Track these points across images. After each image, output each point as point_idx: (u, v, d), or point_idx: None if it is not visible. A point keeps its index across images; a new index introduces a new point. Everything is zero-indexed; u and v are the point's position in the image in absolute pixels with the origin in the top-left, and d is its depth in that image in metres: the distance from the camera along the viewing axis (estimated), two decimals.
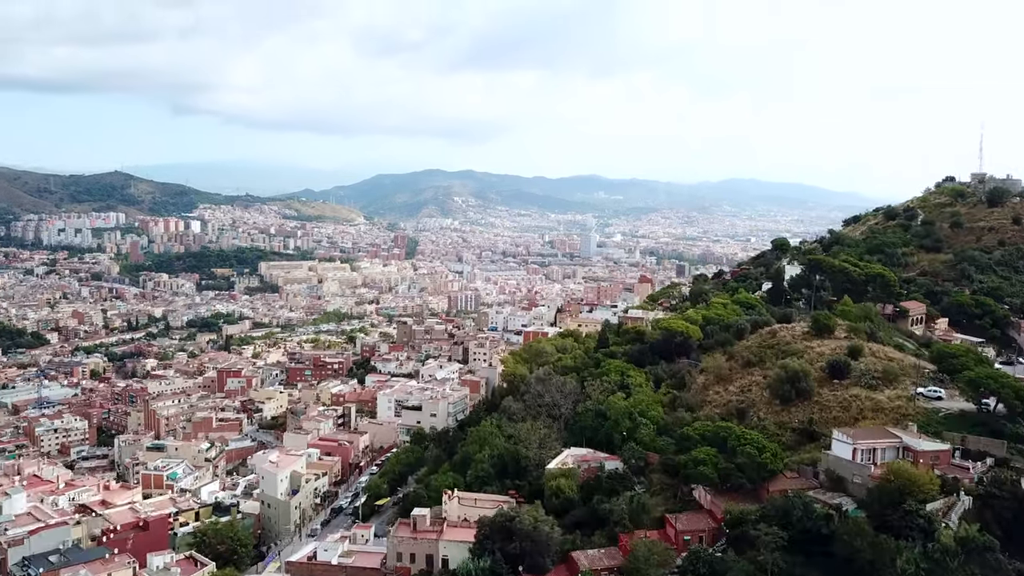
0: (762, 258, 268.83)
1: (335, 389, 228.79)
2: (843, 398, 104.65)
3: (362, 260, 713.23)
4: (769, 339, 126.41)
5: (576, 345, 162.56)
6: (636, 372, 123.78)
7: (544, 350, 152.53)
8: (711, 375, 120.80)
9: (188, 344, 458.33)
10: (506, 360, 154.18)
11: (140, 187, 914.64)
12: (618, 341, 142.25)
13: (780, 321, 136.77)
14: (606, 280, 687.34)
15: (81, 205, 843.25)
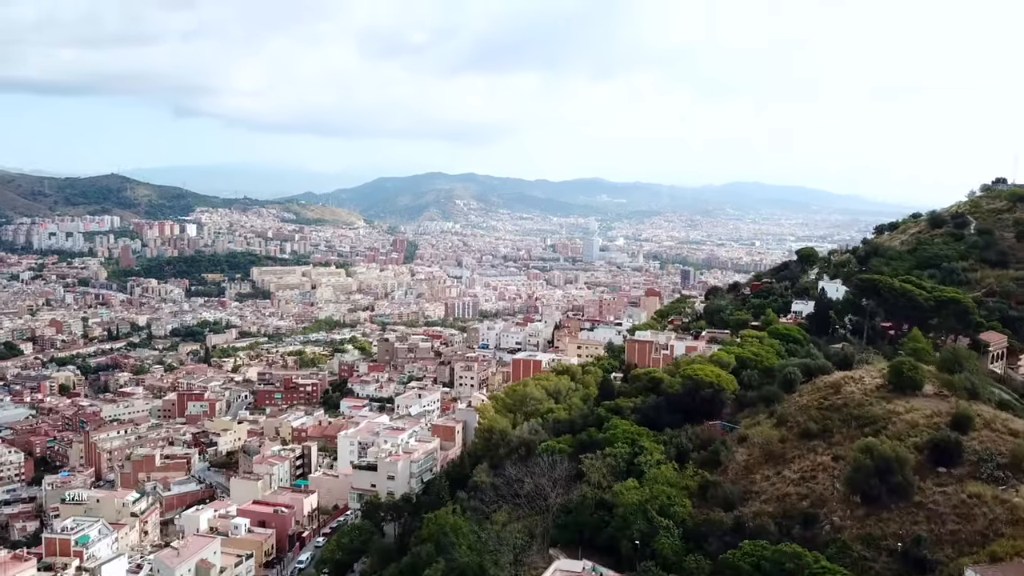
0: (785, 270, 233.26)
1: (297, 422, 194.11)
2: (959, 500, 69.38)
3: (358, 265, 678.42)
4: (831, 395, 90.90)
5: (572, 387, 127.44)
6: (651, 442, 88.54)
7: (531, 396, 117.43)
8: (756, 449, 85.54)
9: (169, 355, 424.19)
10: (484, 409, 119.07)
11: (137, 190, 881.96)
12: (626, 391, 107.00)
13: (839, 366, 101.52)
14: (609, 285, 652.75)
15: (76, 208, 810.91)
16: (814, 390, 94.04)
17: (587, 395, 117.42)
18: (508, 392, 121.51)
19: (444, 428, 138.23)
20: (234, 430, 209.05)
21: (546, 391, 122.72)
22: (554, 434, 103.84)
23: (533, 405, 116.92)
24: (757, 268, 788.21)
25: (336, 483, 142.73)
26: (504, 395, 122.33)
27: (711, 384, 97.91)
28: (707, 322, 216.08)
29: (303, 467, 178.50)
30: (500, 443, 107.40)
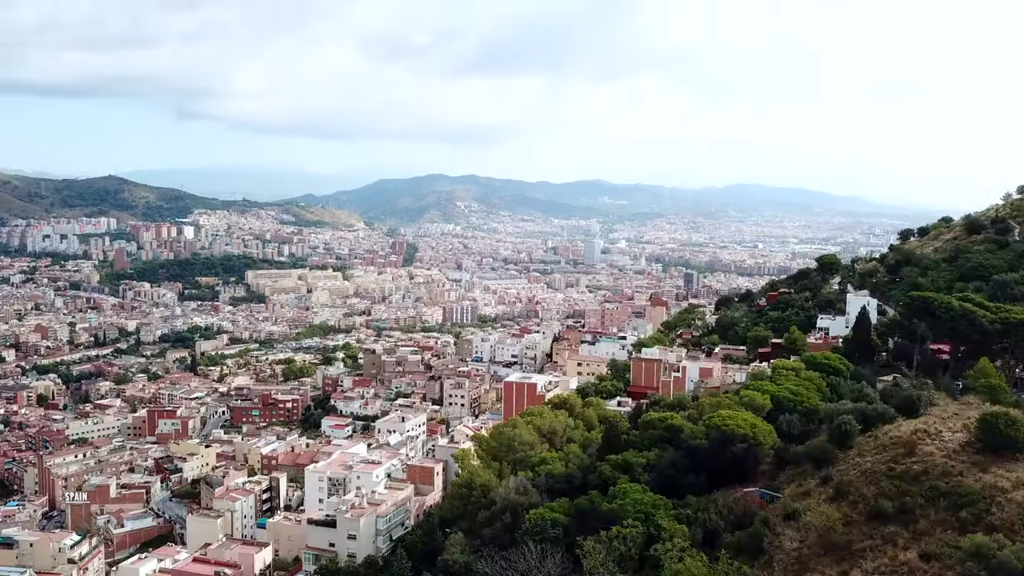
0: (804, 279, 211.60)
1: (267, 448, 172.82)
2: None
3: (356, 268, 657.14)
4: (903, 458, 69.21)
5: (570, 425, 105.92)
6: (671, 519, 67.01)
7: (521, 440, 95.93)
8: (810, 533, 63.89)
9: (156, 362, 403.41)
10: (464, 457, 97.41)
11: (135, 192, 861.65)
12: (636, 440, 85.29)
13: (902, 411, 80.00)
14: (610, 289, 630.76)
15: (73, 210, 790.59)
16: (879, 448, 72.36)
17: (588, 440, 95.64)
18: (494, 434, 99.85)
19: (421, 470, 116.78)
20: (201, 455, 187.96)
21: (539, 431, 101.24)
22: (547, 494, 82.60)
23: (523, 451, 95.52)
24: (761, 271, 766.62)
25: (298, 530, 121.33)
26: (489, 437, 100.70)
27: (745, 437, 76.34)
28: (720, 336, 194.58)
29: (271, 501, 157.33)
30: (481, 503, 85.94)
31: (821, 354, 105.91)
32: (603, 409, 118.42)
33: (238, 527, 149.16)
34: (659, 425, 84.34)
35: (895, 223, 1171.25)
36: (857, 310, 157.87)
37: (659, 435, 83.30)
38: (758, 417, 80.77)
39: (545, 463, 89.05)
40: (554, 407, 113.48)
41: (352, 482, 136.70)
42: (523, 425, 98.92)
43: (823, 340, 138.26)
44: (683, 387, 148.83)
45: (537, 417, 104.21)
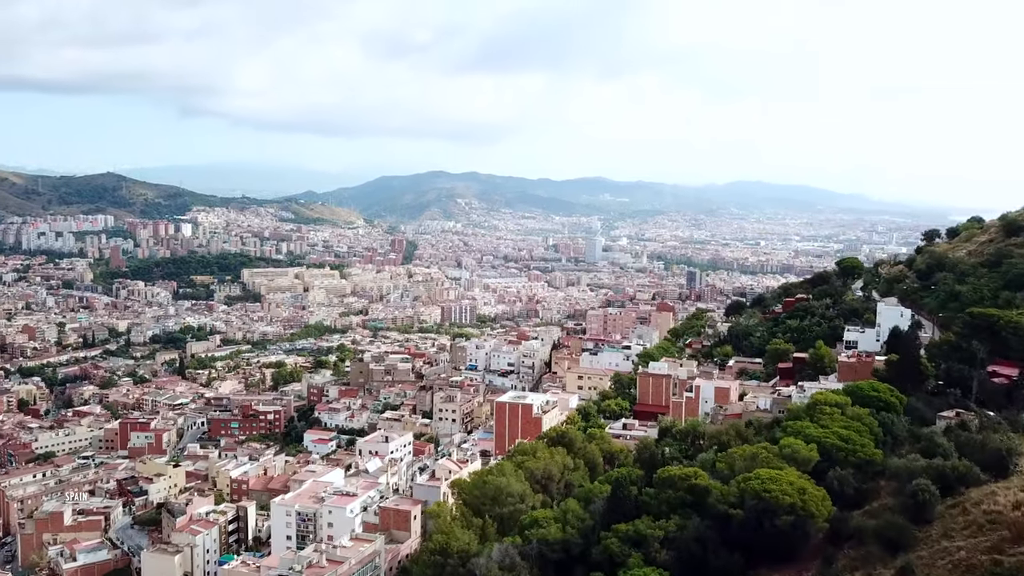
0: (824, 284, 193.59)
1: (237, 471, 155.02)
2: None
3: (354, 266, 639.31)
4: (1009, 544, 51.48)
5: (569, 466, 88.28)
6: None
7: (510, 491, 78.11)
8: None
9: (144, 364, 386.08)
10: (439, 514, 79.18)
11: (133, 189, 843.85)
12: (651, 502, 67.49)
13: (988, 467, 62.22)
14: (612, 287, 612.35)
15: (70, 208, 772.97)
16: (971, 527, 54.70)
17: (590, 493, 77.60)
18: (477, 482, 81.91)
19: (396, 514, 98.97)
20: (169, 475, 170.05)
21: (532, 477, 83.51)
22: (540, 567, 64.97)
23: (511, 504, 77.80)
24: (764, 268, 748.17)
25: None
26: (471, 485, 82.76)
27: (792, 508, 58.54)
28: (733, 348, 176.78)
29: (238, 533, 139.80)
30: (459, 574, 68.29)
31: (868, 384, 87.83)
32: (607, 443, 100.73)
33: (199, 563, 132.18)
34: (680, 484, 66.50)
35: (897, 220, 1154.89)
36: (889, 322, 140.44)
37: (680, 498, 65.53)
38: (805, 478, 62.99)
39: (538, 525, 71.28)
40: (550, 442, 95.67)
41: (323, 517, 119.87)
42: (512, 472, 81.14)
43: (856, 358, 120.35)
44: (697, 409, 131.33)
45: (530, 458, 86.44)
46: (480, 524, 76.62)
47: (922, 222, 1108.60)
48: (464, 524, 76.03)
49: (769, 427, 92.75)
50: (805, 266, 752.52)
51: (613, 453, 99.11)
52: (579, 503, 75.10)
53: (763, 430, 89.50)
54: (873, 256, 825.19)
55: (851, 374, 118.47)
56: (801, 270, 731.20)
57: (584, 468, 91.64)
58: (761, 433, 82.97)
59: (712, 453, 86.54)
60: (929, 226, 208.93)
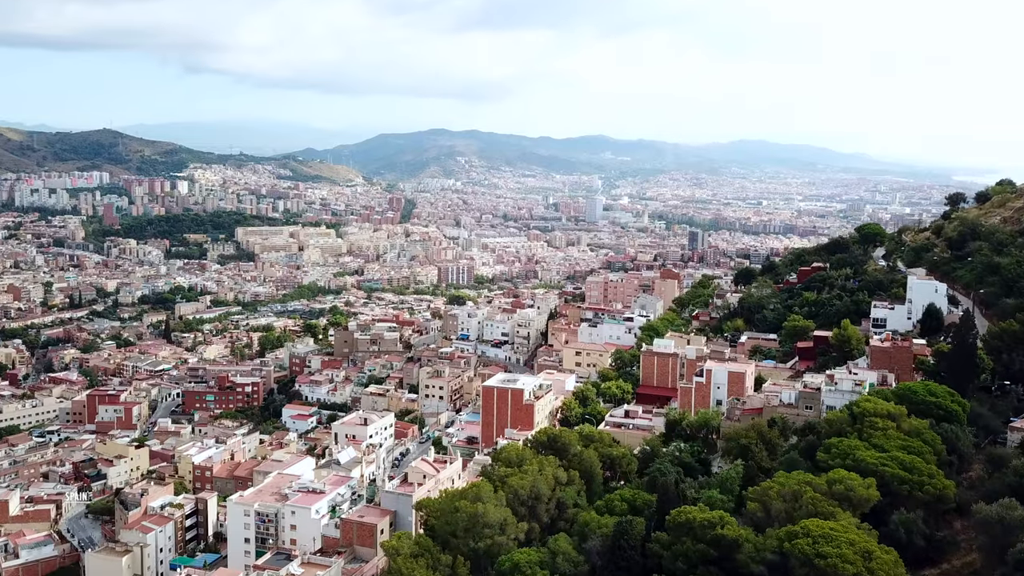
0: (842, 251, 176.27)
1: (200, 457, 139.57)
2: None
3: (350, 225, 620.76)
4: None
5: (561, 480, 72.26)
6: None
7: (486, 522, 62.14)
8: None
9: (131, 326, 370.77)
10: (395, 551, 62.82)
11: (130, 146, 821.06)
12: (663, 552, 51.35)
13: None
14: (613, 248, 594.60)
15: (65, 164, 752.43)
16: None
17: (587, 525, 61.48)
18: (447, 508, 65.69)
19: (360, 527, 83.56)
20: (131, 457, 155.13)
21: (516, 499, 67.44)
22: None
23: (488, 537, 61.82)
24: (767, 229, 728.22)
25: None
26: (441, 511, 66.62)
27: None
28: (744, 321, 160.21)
29: (197, 528, 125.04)
30: None
31: (922, 386, 71.28)
32: (607, 446, 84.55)
33: (151, 565, 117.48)
34: (700, 532, 50.21)
35: (900, 180, 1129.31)
36: (922, 297, 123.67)
37: (701, 552, 49.25)
38: (866, 531, 46.72)
39: (519, 571, 55.32)
40: (540, 448, 79.52)
41: (285, 518, 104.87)
42: (490, 495, 64.92)
43: (891, 343, 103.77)
44: (708, 396, 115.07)
45: (515, 472, 70.26)
46: (449, 563, 60.75)
47: (926, 182, 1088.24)
48: (430, 563, 60.17)
49: (802, 433, 76.56)
50: (808, 226, 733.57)
51: (614, 459, 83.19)
52: (572, 542, 59.13)
53: (793, 439, 73.51)
54: (876, 216, 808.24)
55: (885, 361, 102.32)
56: (804, 230, 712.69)
57: (579, 482, 75.72)
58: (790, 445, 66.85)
59: (734, 469, 70.46)
60: (933, 186, 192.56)
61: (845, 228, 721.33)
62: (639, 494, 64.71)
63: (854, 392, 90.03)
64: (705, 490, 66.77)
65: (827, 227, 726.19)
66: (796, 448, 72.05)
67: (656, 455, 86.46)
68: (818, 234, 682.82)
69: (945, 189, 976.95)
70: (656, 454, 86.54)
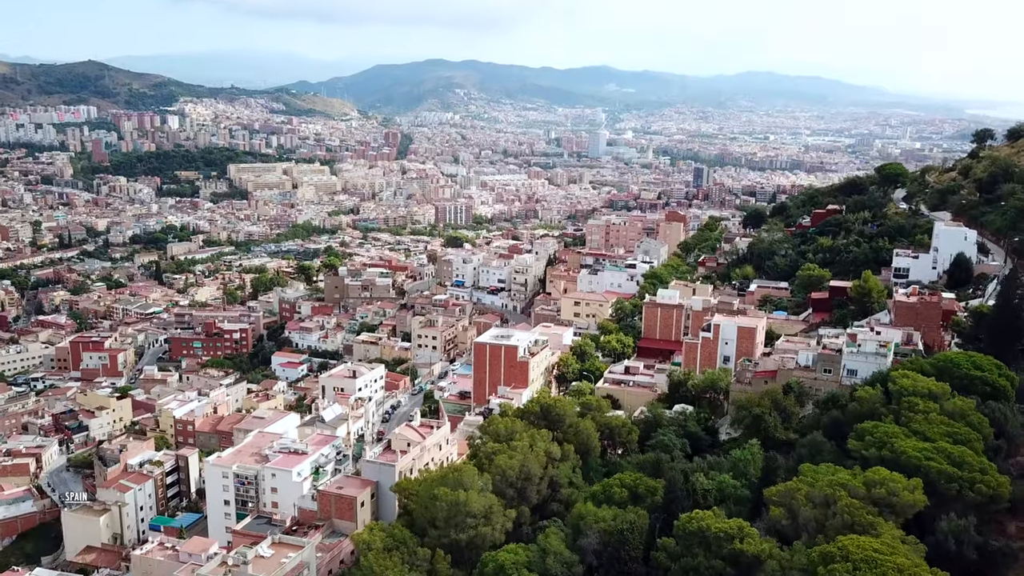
0: (859, 193, 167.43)
1: (182, 410, 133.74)
2: None
3: (345, 161, 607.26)
4: None
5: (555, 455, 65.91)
6: None
7: (469, 511, 55.70)
8: None
9: (121, 267, 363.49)
10: (366, 545, 56.42)
11: (117, 78, 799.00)
12: (670, 565, 44.79)
13: None
14: (616, 185, 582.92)
15: (51, 98, 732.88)
16: None
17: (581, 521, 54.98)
18: (425, 495, 59.21)
19: (339, 500, 77.43)
20: (113, 408, 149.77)
21: (505, 480, 61.03)
22: None
23: (471, 528, 55.54)
24: (773, 164, 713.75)
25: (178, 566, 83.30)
26: (421, 498, 60.22)
27: None
28: (754, 268, 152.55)
29: (179, 485, 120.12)
30: None
31: (965, 357, 63.86)
32: (605, 416, 77.92)
33: (131, 524, 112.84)
34: (716, 547, 43.49)
35: (911, 114, 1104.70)
36: (950, 246, 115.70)
37: (716, 569, 42.58)
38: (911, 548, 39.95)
39: (503, 574, 49.08)
40: (532, 420, 72.86)
41: (266, 480, 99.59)
42: (473, 479, 58.36)
43: (917, 297, 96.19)
44: (715, 352, 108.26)
45: (504, 450, 63.67)
46: (427, 558, 54.57)
47: (937, 116, 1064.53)
48: (405, 558, 53.95)
49: (824, 406, 69.66)
50: (815, 162, 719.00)
51: (612, 429, 76.66)
52: (564, 537, 52.75)
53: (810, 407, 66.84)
54: (886, 151, 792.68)
55: (911, 318, 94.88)
56: (811, 166, 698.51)
57: (575, 457, 69.31)
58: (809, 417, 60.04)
59: (749, 451, 63.76)
60: (945, 120, 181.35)
61: (853, 164, 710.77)
62: (641, 479, 58.18)
63: (878, 355, 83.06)
64: (716, 474, 60.25)
65: (835, 163, 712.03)
66: (818, 425, 65.26)
67: (659, 423, 79.97)
68: (825, 170, 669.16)
69: (957, 123, 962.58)
70: (659, 421, 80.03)
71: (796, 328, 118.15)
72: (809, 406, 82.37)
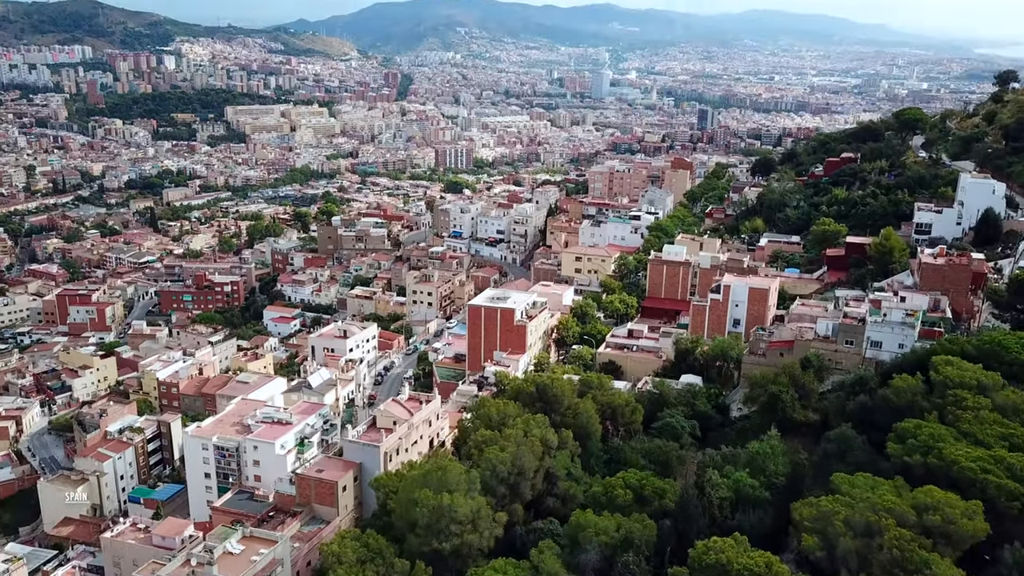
0: (874, 140, 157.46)
1: (166, 372, 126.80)
2: None
3: (344, 103, 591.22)
4: None
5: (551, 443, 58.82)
6: None
7: (453, 516, 48.60)
8: None
9: (116, 213, 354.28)
10: (335, 557, 49.67)
11: (111, 16, 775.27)
12: None
13: None
14: (619, 127, 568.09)
15: (44, 37, 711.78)
16: None
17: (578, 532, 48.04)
18: (404, 498, 52.17)
19: (319, 485, 70.94)
20: (96, 368, 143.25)
21: (495, 475, 54.03)
22: None
23: (455, 537, 48.64)
24: (779, 106, 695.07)
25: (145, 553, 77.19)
26: (400, 499, 53.18)
27: None
28: (764, 220, 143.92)
29: (162, 452, 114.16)
30: None
31: (1015, 339, 55.85)
32: (606, 394, 70.60)
33: (110, 494, 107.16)
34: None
35: (919, 53, 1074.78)
36: (977, 200, 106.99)
37: None
38: None
39: None
40: (527, 401, 65.66)
41: (248, 453, 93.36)
42: (459, 478, 51.27)
43: (945, 258, 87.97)
44: (724, 316, 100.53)
45: (494, 445, 56.48)
46: (406, 570, 47.82)
47: (945, 55, 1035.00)
48: (380, 572, 47.20)
49: (852, 389, 62.16)
50: (821, 103, 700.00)
51: (615, 409, 69.42)
52: (560, 554, 45.79)
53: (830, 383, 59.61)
54: (893, 92, 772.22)
55: (937, 280, 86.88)
56: (817, 107, 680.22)
57: (573, 444, 62.21)
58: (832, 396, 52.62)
59: (768, 443, 56.50)
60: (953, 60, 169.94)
61: (859, 105, 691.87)
62: (647, 480, 51.21)
63: (905, 325, 75.36)
64: (731, 470, 53.09)
65: (841, 104, 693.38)
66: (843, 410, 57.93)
67: (665, 400, 72.78)
68: (832, 112, 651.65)
69: (965, 63, 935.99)
70: (665, 398, 72.82)
71: (810, 288, 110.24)
72: (829, 381, 75.19)
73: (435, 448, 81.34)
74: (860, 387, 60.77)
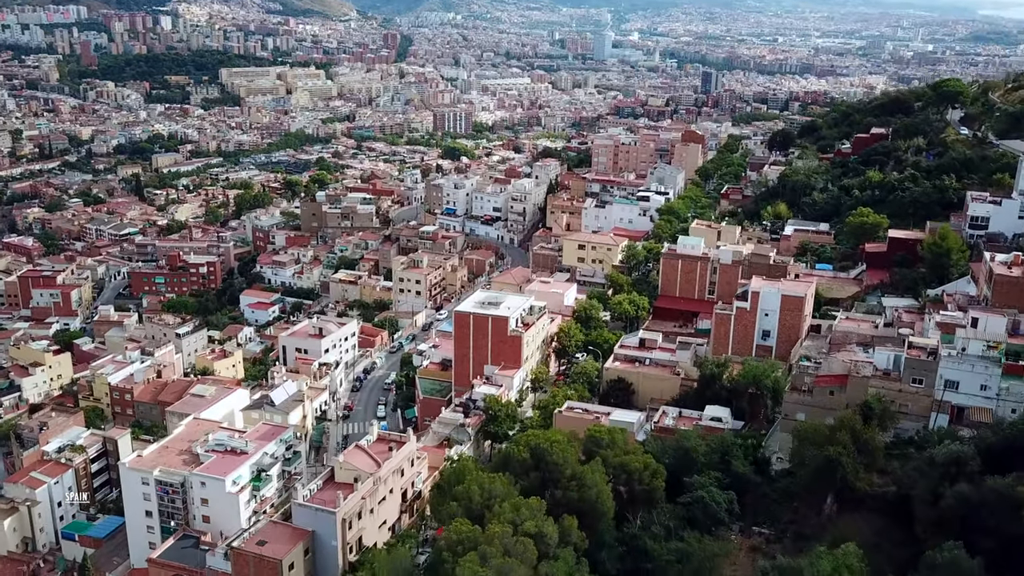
0: (905, 113, 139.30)
1: (118, 375, 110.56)
2: None
3: (342, 65, 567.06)
4: None
5: (546, 538, 42.44)
6: None
7: None
8: None
9: (103, 180, 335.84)
10: None
11: None
12: None
13: None
14: (622, 89, 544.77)
15: None
16: None
17: None
18: None
19: (258, 562, 55.54)
20: (49, 365, 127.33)
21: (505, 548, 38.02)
22: None
23: None
24: (783, 68, 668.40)
25: None
26: None
27: None
28: (787, 205, 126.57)
29: (108, 472, 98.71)
30: None
31: None
32: (622, 455, 54.52)
33: (44, 526, 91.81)
34: None
35: (923, 15, 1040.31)
36: None
37: None
38: None
39: None
40: (519, 470, 49.69)
41: (194, 489, 78.44)
42: None
43: (1022, 266, 71.31)
44: (752, 327, 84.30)
45: (472, 553, 40.59)
46: None
47: (950, 17, 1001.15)
48: None
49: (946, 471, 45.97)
50: (825, 65, 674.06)
51: (629, 473, 53.44)
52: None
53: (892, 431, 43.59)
54: (898, 54, 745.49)
55: (1014, 296, 70.29)
56: (821, 70, 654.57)
57: (578, 534, 46.33)
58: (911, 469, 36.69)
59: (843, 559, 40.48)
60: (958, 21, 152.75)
61: (864, 67, 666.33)
62: None
63: (987, 360, 59.11)
64: None
65: (846, 66, 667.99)
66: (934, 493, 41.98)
67: (693, 456, 56.84)
68: (836, 74, 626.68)
69: (970, 25, 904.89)
70: (694, 455, 56.85)
71: (847, 290, 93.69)
72: (891, 431, 59.28)
73: (409, 502, 65.74)
74: (958, 469, 44.69)
